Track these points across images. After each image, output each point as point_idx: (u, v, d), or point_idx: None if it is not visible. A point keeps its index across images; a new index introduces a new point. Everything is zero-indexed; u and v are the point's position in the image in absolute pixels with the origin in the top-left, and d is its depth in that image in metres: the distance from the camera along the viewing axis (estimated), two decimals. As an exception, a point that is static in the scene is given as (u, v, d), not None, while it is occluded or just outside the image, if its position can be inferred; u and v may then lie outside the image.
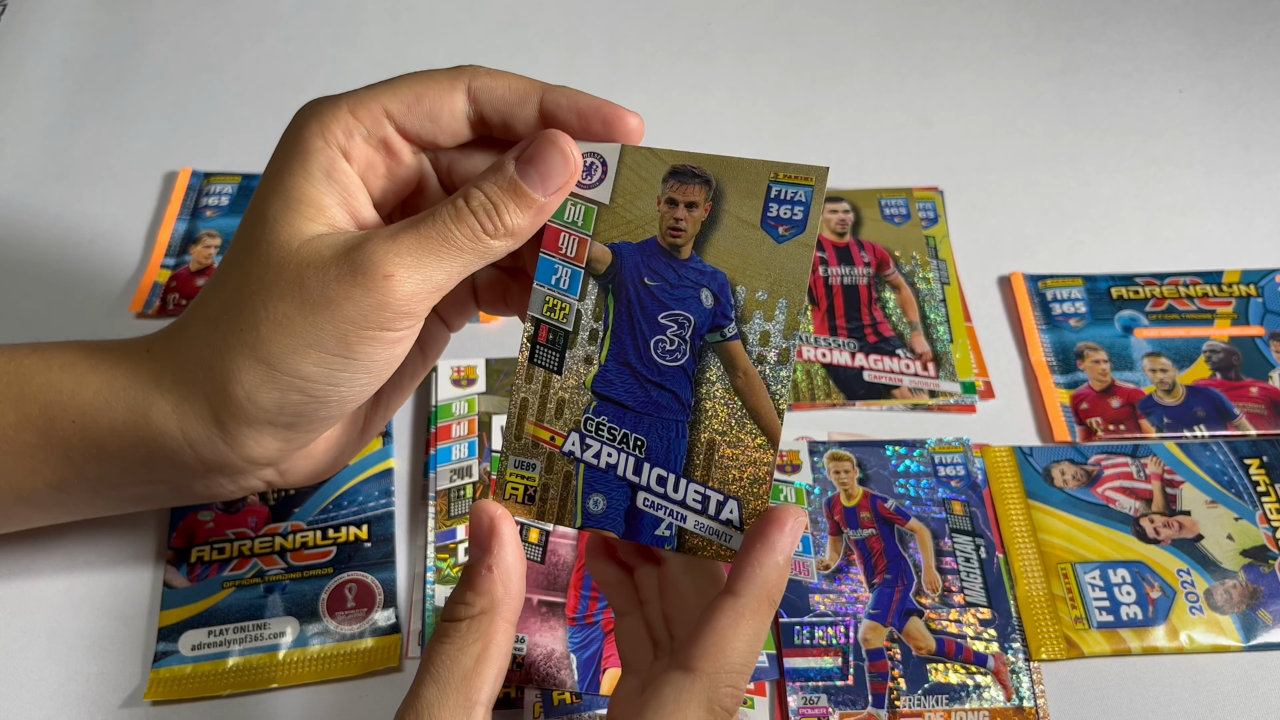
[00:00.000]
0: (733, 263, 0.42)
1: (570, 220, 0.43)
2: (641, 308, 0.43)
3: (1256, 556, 0.56)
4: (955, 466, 0.59)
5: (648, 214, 0.43)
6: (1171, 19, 0.81)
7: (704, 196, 0.43)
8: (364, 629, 0.53)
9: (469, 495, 0.57)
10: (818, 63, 0.79)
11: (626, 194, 0.43)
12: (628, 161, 0.43)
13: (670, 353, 0.43)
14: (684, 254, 0.43)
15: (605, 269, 0.43)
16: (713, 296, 0.42)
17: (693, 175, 0.43)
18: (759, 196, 0.42)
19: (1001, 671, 0.52)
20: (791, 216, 0.42)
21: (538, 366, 0.43)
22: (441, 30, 0.81)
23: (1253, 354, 0.63)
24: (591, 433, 0.42)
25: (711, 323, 0.42)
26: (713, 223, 0.43)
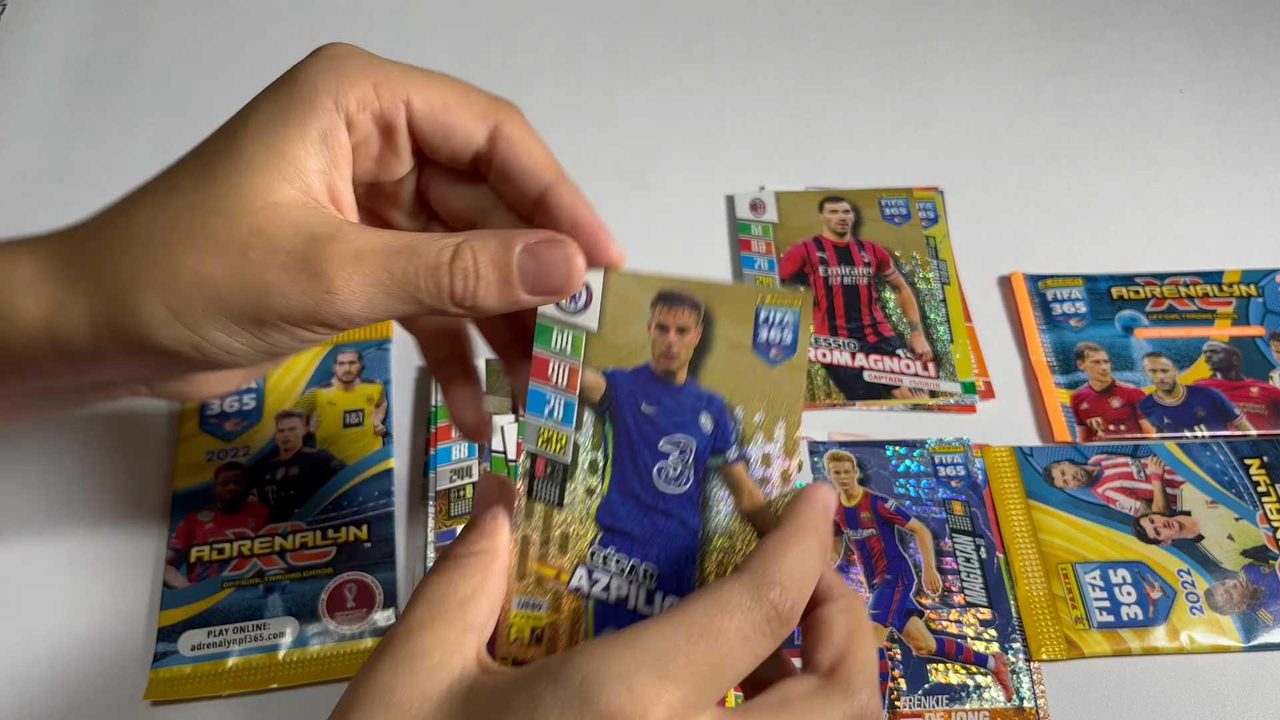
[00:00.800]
0: (729, 386, 0.42)
1: (559, 348, 0.42)
2: (641, 435, 0.42)
3: (1257, 557, 0.56)
4: (955, 467, 0.59)
5: (638, 340, 0.42)
6: (1171, 19, 0.81)
7: (694, 321, 0.42)
8: (364, 629, 0.53)
9: (468, 495, 0.57)
10: (818, 63, 0.79)
11: (615, 320, 0.42)
12: (613, 287, 0.42)
13: (674, 479, 0.42)
14: (679, 379, 0.42)
15: (600, 397, 0.42)
16: (712, 420, 0.42)
17: (681, 299, 0.42)
18: (748, 320, 0.42)
19: (1002, 672, 0.52)
20: (781, 340, 0.42)
21: (538, 502, 0.41)
22: (441, 30, 0.81)
23: (1253, 354, 0.63)
24: (599, 565, 0.41)
25: (713, 447, 0.42)
26: (705, 347, 0.42)
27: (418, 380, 0.63)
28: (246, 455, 0.59)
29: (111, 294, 0.39)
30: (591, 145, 0.74)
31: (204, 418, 0.60)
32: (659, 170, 0.73)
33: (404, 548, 0.57)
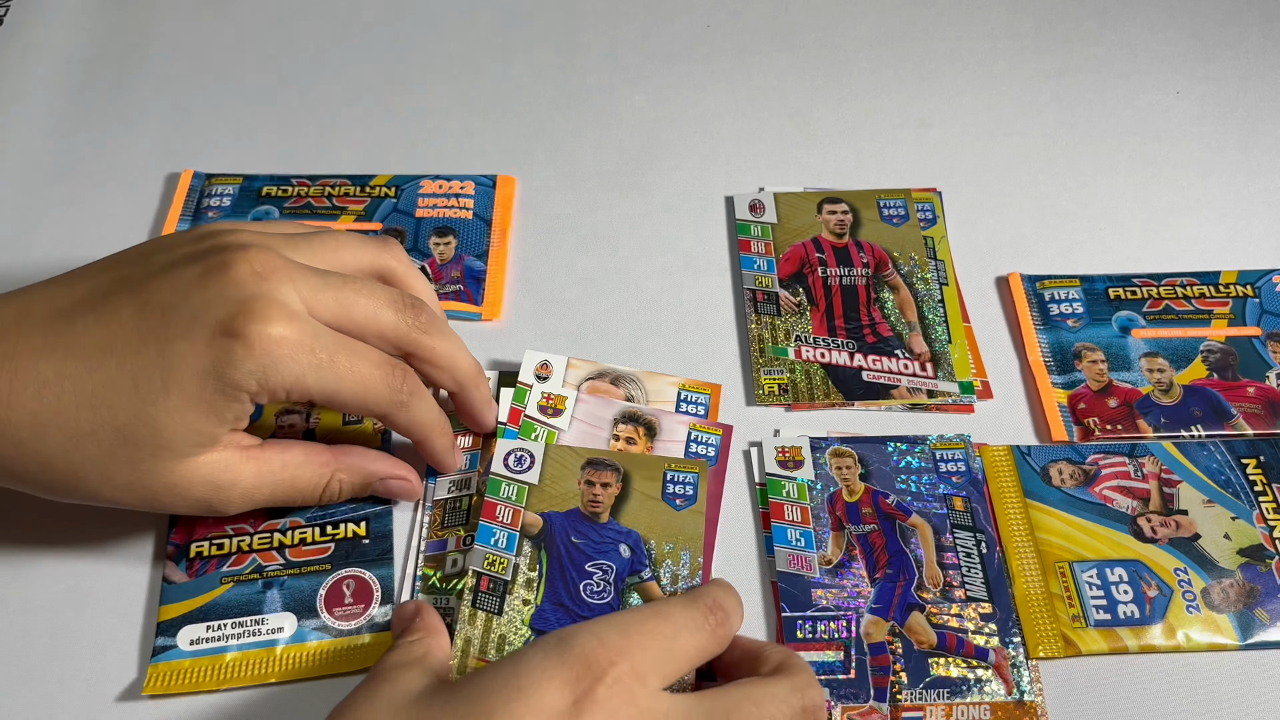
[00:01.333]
0: (643, 524, 0.55)
1: (505, 496, 0.55)
2: (570, 559, 0.53)
3: (1253, 555, 0.56)
4: (957, 463, 0.59)
5: (570, 491, 0.56)
6: (1169, 21, 0.82)
7: (615, 479, 0.56)
8: (361, 625, 0.53)
9: (464, 507, 0.57)
10: (816, 64, 0.80)
11: (552, 478, 0.56)
12: (552, 456, 0.57)
13: (598, 593, 0.53)
14: (603, 519, 0.55)
15: (537, 532, 0.54)
16: (629, 549, 0.54)
17: (605, 465, 0.57)
18: (658, 480, 0.56)
19: (1002, 665, 0.52)
20: (685, 493, 0.56)
21: (479, 610, 0.52)
22: (442, 30, 0.82)
23: (1250, 354, 0.64)
24: None
25: (630, 569, 0.53)
26: (624, 497, 0.56)
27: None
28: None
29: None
30: (591, 146, 0.75)
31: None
32: (658, 171, 0.73)
33: (402, 545, 0.57)
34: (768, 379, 0.63)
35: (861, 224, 0.69)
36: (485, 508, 0.54)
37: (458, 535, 0.56)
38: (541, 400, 0.60)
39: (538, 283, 0.68)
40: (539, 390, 0.60)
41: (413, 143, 0.75)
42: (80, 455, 0.47)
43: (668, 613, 0.45)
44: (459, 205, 0.70)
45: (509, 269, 0.68)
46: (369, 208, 0.70)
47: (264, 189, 0.71)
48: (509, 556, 0.53)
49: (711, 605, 0.46)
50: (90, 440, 0.47)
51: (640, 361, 0.64)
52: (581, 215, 0.71)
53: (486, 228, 0.70)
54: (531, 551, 0.53)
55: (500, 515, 0.54)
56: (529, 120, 0.76)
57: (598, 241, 0.69)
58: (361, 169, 0.73)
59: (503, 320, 0.66)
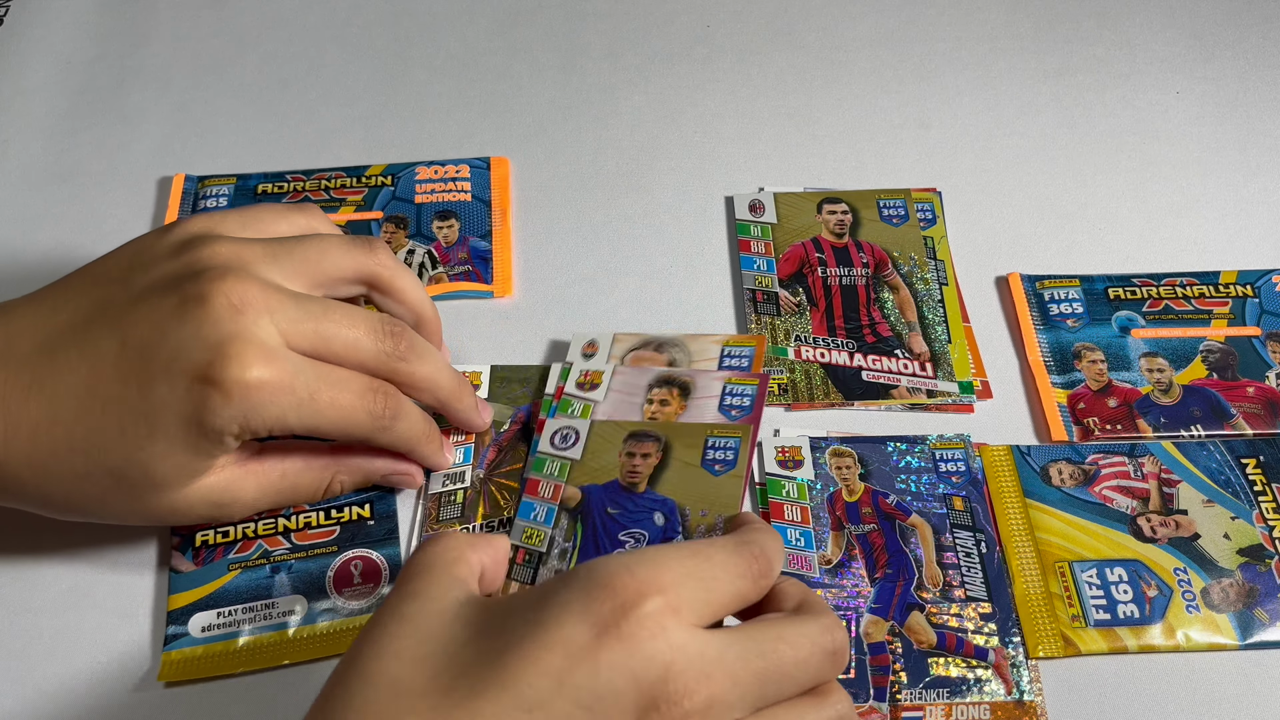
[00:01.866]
0: (680, 493, 0.55)
1: (549, 473, 0.56)
2: (605, 529, 0.54)
3: (1253, 555, 0.56)
4: (956, 462, 0.59)
5: (610, 463, 0.56)
6: (1168, 21, 0.82)
7: (656, 449, 0.57)
8: (372, 604, 0.54)
9: (459, 500, 0.57)
10: (816, 64, 0.80)
11: (594, 452, 0.57)
12: (596, 431, 0.58)
13: None
14: (640, 489, 0.55)
15: (576, 505, 0.55)
16: (664, 517, 0.54)
17: (647, 436, 0.57)
18: (699, 447, 0.57)
19: (1002, 665, 0.52)
20: (725, 458, 0.56)
21: (514, 581, 0.53)
22: (442, 31, 0.82)
23: (1249, 354, 0.64)
24: None
25: (662, 537, 0.54)
26: (663, 466, 0.56)
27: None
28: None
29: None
30: (591, 147, 0.75)
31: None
32: (658, 172, 0.73)
33: (407, 524, 0.57)
34: (767, 379, 0.63)
35: (861, 224, 0.69)
36: (528, 485, 0.56)
37: (453, 529, 0.56)
38: (580, 378, 0.60)
39: (539, 282, 0.68)
40: (579, 368, 0.61)
41: (413, 142, 0.75)
42: (79, 492, 0.48)
43: (709, 554, 0.41)
44: (457, 189, 0.71)
45: (514, 247, 0.69)
46: (367, 197, 0.70)
47: (259, 186, 0.71)
48: (546, 530, 0.54)
49: (757, 554, 0.43)
50: (86, 480, 0.48)
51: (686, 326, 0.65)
52: (581, 216, 0.71)
53: (486, 208, 0.70)
54: (568, 524, 0.54)
55: (542, 491, 0.56)
56: (529, 120, 0.76)
57: (597, 242, 0.70)
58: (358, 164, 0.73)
59: (515, 296, 0.67)
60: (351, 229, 0.69)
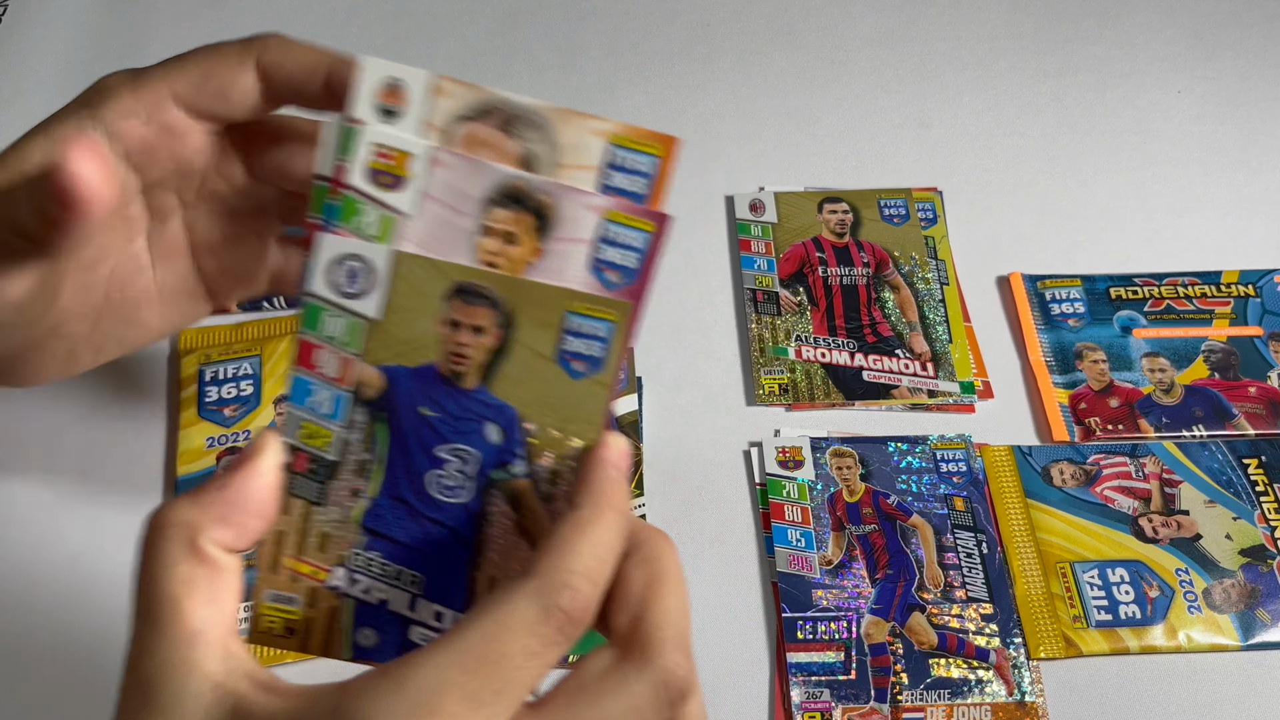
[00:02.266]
0: (523, 397, 0.38)
1: (330, 334, 0.37)
2: (418, 439, 0.38)
3: (1255, 556, 0.56)
4: (957, 463, 0.59)
5: (426, 335, 0.37)
6: (1169, 20, 0.82)
7: (492, 321, 0.37)
8: None
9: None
10: (816, 64, 0.80)
11: (401, 310, 0.37)
12: (402, 272, 0.36)
13: (451, 489, 0.38)
14: (468, 384, 0.38)
15: (375, 395, 0.38)
16: (500, 432, 0.38)
17: (479, 296, 0.37)
18: (554, 327, 0.37)
19: (1003, 666, 0.52)
20: (589, 353, 0.37)
21: (296, 497, 0.38)
22: (441, 31, 0.82)
23: (1251, 354, 0.63)
24: (361, 569, 0.38)
25: (498, 460, 0.38)
26: (503, 352, 0.37)
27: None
28: (248, 440, 0.59)
29: None
30: (591, 146, 0.75)
31: (202, 405, 0.61)
32: (659, 171, 0.73)
33: None
34: (768, 379, 0.63)
35: (862, 223, 0.69)
36: (301, 350, 0.37)
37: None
38: (374, 159, 0.37)
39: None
40: (377, 136, 0.37)
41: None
42: None
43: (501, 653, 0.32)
44: None
45: None
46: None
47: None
48: (335, 428, 0.38)
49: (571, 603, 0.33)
50: None
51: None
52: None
53: None
54: (366, 424, 0.38)
55: (322, 364, 0.37)
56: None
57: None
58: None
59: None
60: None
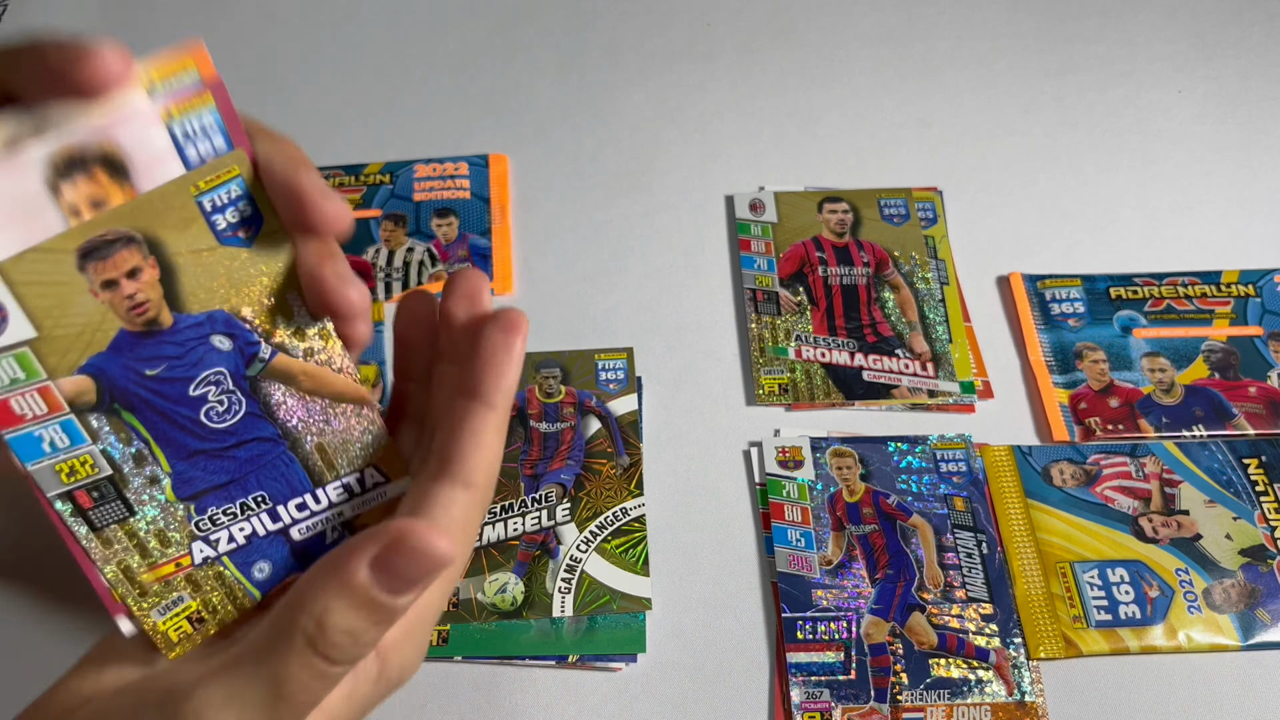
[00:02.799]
0: (220, 295, 0.36)
1: (7, 381, 0.34)
2: (165, 399, 0.37)
3: (1255, 556, 0.56)
4: (957, 463, 0.59)
5: (94, 313, 0.35)
6: (1170, 19, 0.81)
7: (140, 256, 0.35)
8: None
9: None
10: (817, 63, 0.80)
11: (48, 310, 0.34)
12: (19, 279, 0.33)
13: (226, 412, 0.38)
14: (165, 322, 0.36)
15: (96, 396, 0.36)
16: (226, 337, 0.37)
17: (109, 244, 0.34)
18: (197, 218, 0.35)
19: (1003, 666, 0.52)
20: (243, 216, 0.36)
21: (107, 528, 0.36)
22: (441, 30, 0.82)
23: (1251, 354, 0.63)
24: (210, 529, 0.38)
25: (244, 358, 0.37)
26: (171, 273, 0.36)
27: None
28: None
29: None
30: (591, 146, 0.75)
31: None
32: (658, 171, 0.73)
33: None
34: (768, 379, 0.63)
35: (862, 223, 0.69)
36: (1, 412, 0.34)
37: None
38: None
39: (539, 280, 0.67)
40: None
41: (411, 142, 0.75)
42: None
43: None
44: (455, 186, 0.71)
45: (513, 245, 0.69)
46: (366, 195, 0.70)
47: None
48: (85, 449, 0.36)
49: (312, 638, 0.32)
50: None
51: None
52: (581, 215, 0.71)
53: (485, 206, 0.70)
54: (109, 422, 0.36)
55: (24, 410, 0.35)
56: (529, 119, 0.76)
57: (597, 241, 0.69)
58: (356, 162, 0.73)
59: (515, 293, 0.67)
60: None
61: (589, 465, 0.59)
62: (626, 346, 0.64)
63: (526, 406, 0.61)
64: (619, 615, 0.55)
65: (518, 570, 0.56)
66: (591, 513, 0.57)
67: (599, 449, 0.60)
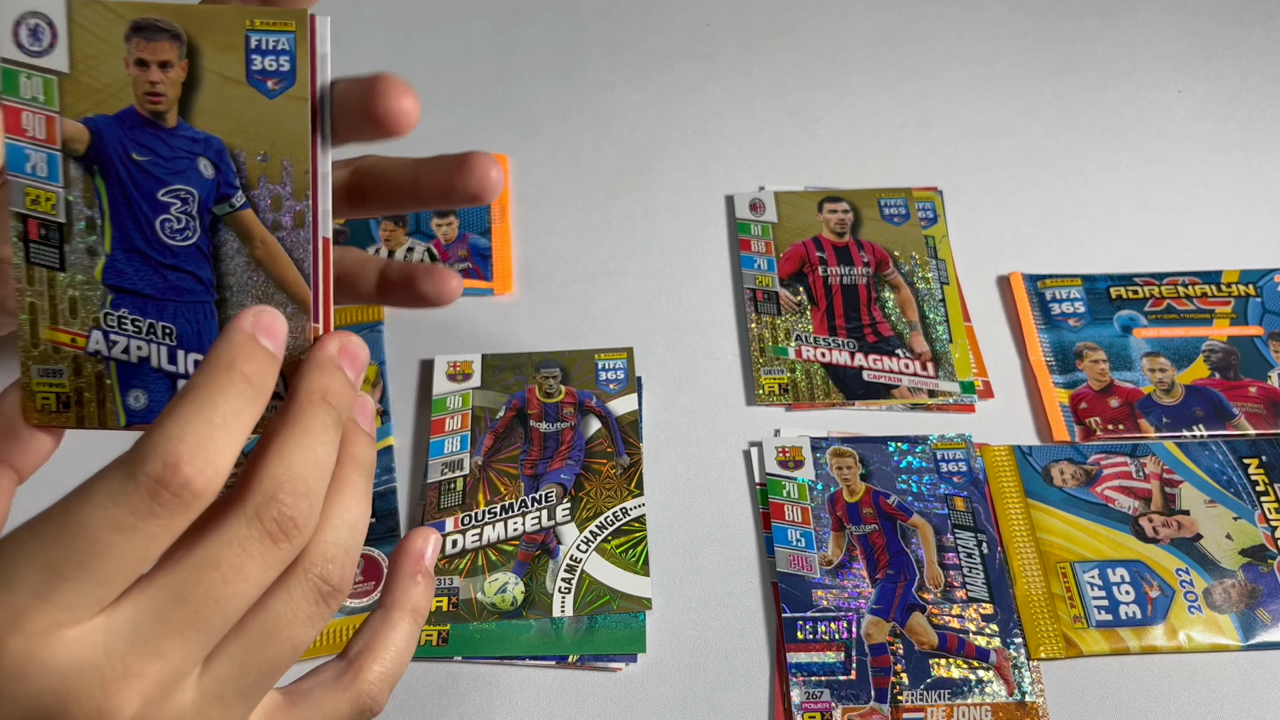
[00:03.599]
0: (226, 126, 0.38)
1: (29, 96, 0.37)
2: (136, 187, 0.39)
3: (1255, 556, 0.56)
4: (958, 463, 0.59)
5: (118, 80, 0.38)
6: (1170, 19, 0.81)
7: (177, 54, 0.37)
8: (373, 602, 0.54)
9: (458, 487, 0.57)
10: (817, 63, 0.80)
11: (87, 59, 0.37)
12: (80, 20, 0.37)
13: (179, 231, 0.39)
14: (169, 121, 0.38)
15: (85, 149, 0.38)
16: (212, 165, 0.38)
17: (158, 30, 0.37)
18: (238, 49, 0.38)
19: (1004, 666, 0.52)
20: (278, 68, 0.38)
21: (37, 266, 0.39)
22: (441, 30, 0.82)
23: (1251, 354, 0.63)
24: (114, 328, 0.39)
25: (217, 194, 0.39)
26: (194, 83, 0.38)
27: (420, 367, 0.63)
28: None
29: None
30: (591, 146, 0.75)
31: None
32: (658, 170, 0.73)
33: (407, 522, 0.58)
34: (768, 379, 0.62)
35: (862, 223, 0.69)
36: (7, 116, 0.38)
37: (455, 516, 0.56)
38: None
39: (539, 279, 0.67)
40: None
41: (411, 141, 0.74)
42: None
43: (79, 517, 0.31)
44: None
45: (513, 244, 0.69)
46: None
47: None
48: (55, 189, 0.38)
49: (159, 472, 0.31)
50: None
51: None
52: (581, 214, 0.71)
53: (485, 206, 0.70)
54: (83, 178, 0.38)
55: (29, 127, 0.38)
56: (529, 118, 0.76)
57: (597, 240, 0.69)
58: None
59: (515, 293, 0.67)
60: (349, 226, 0.69)
61: (589, 465, 0.59)
62: (626, 346, 0.64)
63: (526, 406, 0.61)
64: (619, 615, 0.55)
65: (518, 570, 0.56)
66: (591, 513, 0.57)
67: (599, 449, 0.60)
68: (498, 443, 0.59)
